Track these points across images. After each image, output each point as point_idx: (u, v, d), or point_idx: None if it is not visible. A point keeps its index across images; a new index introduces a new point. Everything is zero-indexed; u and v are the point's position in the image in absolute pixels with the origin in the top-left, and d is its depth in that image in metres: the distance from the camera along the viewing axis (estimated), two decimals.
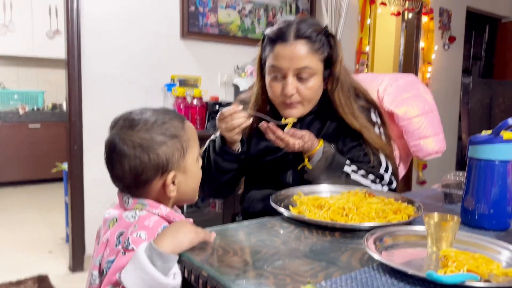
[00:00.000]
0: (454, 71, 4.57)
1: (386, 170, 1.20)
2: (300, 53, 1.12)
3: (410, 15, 4.26)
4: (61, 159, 3.67)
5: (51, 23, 4.87)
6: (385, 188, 1.19)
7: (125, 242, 0.73)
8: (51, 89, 5.17)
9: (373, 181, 1.17)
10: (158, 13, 2.69)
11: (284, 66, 1.14)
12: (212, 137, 1.24)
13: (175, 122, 0.83)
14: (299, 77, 1.15)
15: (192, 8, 2.77)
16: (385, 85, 1.58)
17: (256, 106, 1.26)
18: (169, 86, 2.68)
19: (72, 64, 2.45)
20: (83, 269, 2.56)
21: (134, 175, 0.79)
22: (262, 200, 1.23)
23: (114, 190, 0.86)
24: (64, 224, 3.05)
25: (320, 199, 1.00)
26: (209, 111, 2.70)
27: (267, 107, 1.26)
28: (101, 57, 2.53)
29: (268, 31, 1.18)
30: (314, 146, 1.11)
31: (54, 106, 5.02)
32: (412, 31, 4.24)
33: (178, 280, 0.70)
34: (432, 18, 4.13)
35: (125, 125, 0.80)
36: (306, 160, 1.13)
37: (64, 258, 2.73)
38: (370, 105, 1.27)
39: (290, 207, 0.99)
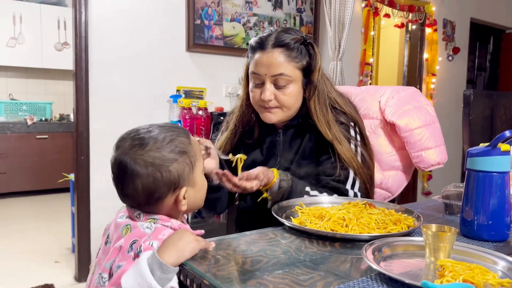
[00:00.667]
0: (458, 82, 4.58)
1: (353, 186, 1.21)
2: (277, 61, 1.17)
3: (414, 27, 4.29)
4: (68, 169, 3.71)
5: (60, 36, 4.97)
6: None
7: (137, 249, 0.74)
8: (59, 100, 5.25)
9: None
10: (164, 26, 2.74)
11: (262, 73, 1.19)
12: None
13: (182, 138, 0.84)
14: (277, 84, 1.19)
15: (198, 21, 2.82)
16: (387, 96, 1.60)
17: (241, 111, 1.31)
18: (175, 98, 2.71)
19: (80, 76, 2.50)
20: None
21: (147, 193, 0.80)
22: (253, 212, 1.24)
23: (119, 200, 0.88)
24: (70, 234, 3.07)
25: (321, 210, 1.02)
26: (214, 122, 2.73)
27: (250, 112, 1.31)
28: (108, 69, 2.58)
29: (251, 40, 1.25)
30: (271, 179, 1.11)
31: (62, 117, 5.09)
32: (416, 43, 4.27)
33: None
34: (435, 30, 4.15)
35: (134, 144, 0.81)
36: (265, 193, 1.14)
37: (70, 268, 2.75)
38: (350, 120, 1.28)
39: (292, 218, 1.01)
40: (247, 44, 1.27)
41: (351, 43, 3.49)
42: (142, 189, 0.79)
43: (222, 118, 2.71)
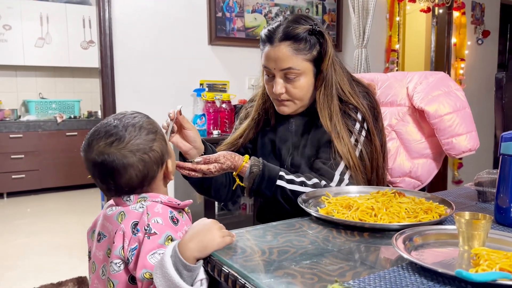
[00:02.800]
0: (489, 66, 4.41)
1: (340, 181, 1.15)
2: (284, 55, 1.15)
3: (441, 11, 4.15)
4: None
5: (85, 34, 5.06)
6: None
7: (146, 229, 0.78)
8: (87, 98, 5.37)
9: (317, 184, 1.13)
10: (186, 21, 2.75)
11: (271, 67, 1.18)
12: None
13: (145, 118, 0.90)
14: (287, 77, 1.18)
15: (219, 14, 2.82)
16: (414, 82, 1.55)
17: (263, 99, 1.31)
18: (198, 91, 2.73)
19: (105, 73, 2.54)
20: None
21: (141, 178, 0.85)
22: (272, 203, 1.20)
23: None
24: None
25: (349, 199, 1.00)
26: (238, 114, 2.73)
27: (267, 103, 1.31)
28: (133, 65, 2.61)
29: (262, 31, 1.22)
30: (238, 163, 1.09)
31: (90, 114, 5.21)
32: (443, 27, 4.14)
33: (205, 286, 0.73)
34: (464, 13, 4.01)
35: (112, 141, 0.83)
36: (237, 179, 1.13)
37: None
38: (358, 113, 1.22)
39: (318, 208, 1.00)
40: (258, 39, 1.28)
41: (375, 30, 3.41)
42: (136, 176, 0.84)
43: None
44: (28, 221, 3.80)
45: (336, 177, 1.15)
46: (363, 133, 1.22)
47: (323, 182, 1.13)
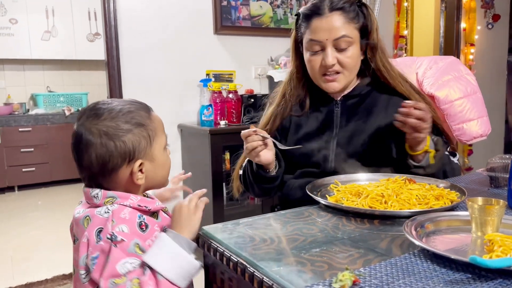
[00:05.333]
0: (499, 51, 4.33)
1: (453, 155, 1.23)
2: (337, 24, 1.16)
3: None
4: None
5: (91, 26, 5.05)
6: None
7: (110, 237, 0.74)
8: (94, 90, 5.38)
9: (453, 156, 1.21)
10: (191, 10, 2.73)
11: (322, 38, 1.16)
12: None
13: (141, 111, 0.84)
14: (338, 48, 1.17)
15: (225, 3, 2.79)
16: (424, 67, 1.52)
17: (292, 85, 1.30)
18: (205, 82, 2.71)
19: (111, 65, 2.53)
20: None
21: (101, 163, 0.80)
22: (300, 188, 1.21)
23: None
24: None
25: (358, 187, 0.99)
26: (245, 104, 2.71)
27: (302, 85, 1.30)
28: (139, 56, 2.60)
29: (302, 9, 1.23)
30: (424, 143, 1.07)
31: None
32: (452, 12, 4.06)
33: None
34: None
35: (90, 114, 0.82)
36: (432, 151, 1.09)
37: None
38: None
39: (327, 196, 0.98)
40: (296, 15, 1.26)
41: (383, 16, 3.36)
42: (96, 159, 0.80)
43: (252, 100, 2.69)
44: (39, 214, 3.84)
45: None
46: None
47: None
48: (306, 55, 1.22)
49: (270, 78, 2.97)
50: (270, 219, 0.89)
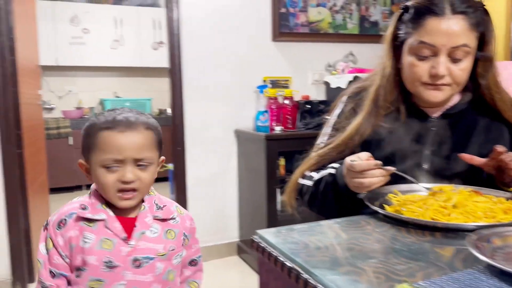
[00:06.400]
0: None
1: None
2: (458, 29, 1.00)
3: None
4: (167, 160, 3.96)
5: (155, 35, 5.30)
6: None
7: (44, 224, 0.96)
8: (157, 96, 5.62)
9: None
10: (250, 17, 2.78)
11: (438, 43, 1.01)
12: (331, 169, 1.11)
13: (102, 126, 0.95)
14: (453, 57, 1.02)
15: (283, 10, 2.81)
16: None
17: (387, 89, 1.12)
18: (261, 88, 2.75)
19: (174, 72, 2.65)
20: None
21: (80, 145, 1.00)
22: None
23: (213, 187, 0.91)
24: None
25: (419, 198, 0.95)
26: (301, 111, 2.71)
27: (397, 92, 1.13)
28: (200, 64, 2.69)
29: (412, 3, 1.06)
30: None
31: (161, 112, 5.46)
32: None
33: None
34: None
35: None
36: None
37: None
38: None
39: (385, 206, 0.96)
40: (402, 8, 1.08)
41: None
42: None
43: (308, 106, 2.68)
44: None
45: None
46: None
47: None
48: (409, 58, 1.06)
49: (327, 84, 2.95)
50: (325, 227, 0.88)
